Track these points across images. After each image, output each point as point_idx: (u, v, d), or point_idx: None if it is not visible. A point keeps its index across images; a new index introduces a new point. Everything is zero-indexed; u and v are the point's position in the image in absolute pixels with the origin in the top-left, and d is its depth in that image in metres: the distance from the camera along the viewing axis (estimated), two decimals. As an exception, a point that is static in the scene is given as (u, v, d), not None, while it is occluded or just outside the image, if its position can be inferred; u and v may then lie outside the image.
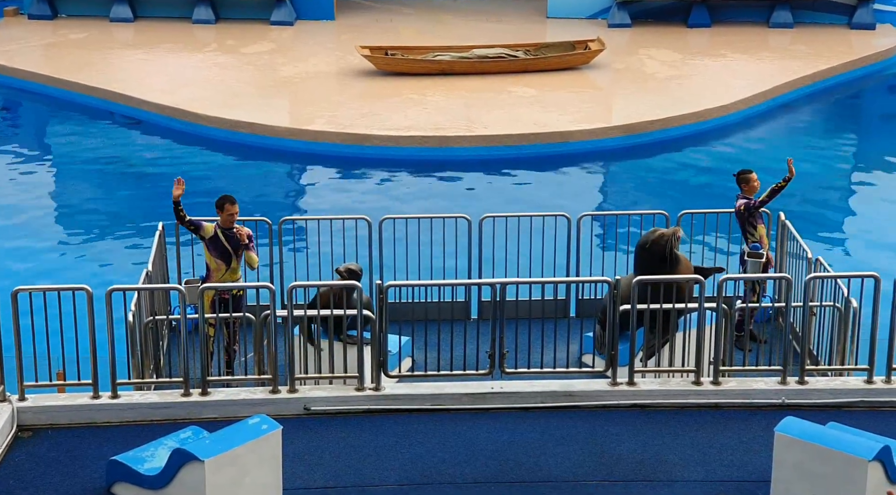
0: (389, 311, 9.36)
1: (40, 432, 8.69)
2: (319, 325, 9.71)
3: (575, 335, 10.60)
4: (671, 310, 9.52)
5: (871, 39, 25.66)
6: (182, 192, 10.40)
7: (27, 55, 24.12)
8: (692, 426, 8.85)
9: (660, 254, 10.07)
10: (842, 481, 7.25)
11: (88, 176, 19.26)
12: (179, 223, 10.57)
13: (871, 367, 9.21)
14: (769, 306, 10.76)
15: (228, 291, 10.31)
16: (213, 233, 10.48)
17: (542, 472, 8.23)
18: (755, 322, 11.05)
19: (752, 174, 11.47)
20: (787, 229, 11.50)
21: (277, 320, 9.38)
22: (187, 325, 9.05)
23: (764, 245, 11.27)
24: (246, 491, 7.58)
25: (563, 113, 20.55)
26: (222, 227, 10.51)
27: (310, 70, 23.24)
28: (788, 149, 20.69)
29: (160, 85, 22.00)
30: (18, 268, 15.22)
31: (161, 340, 10.40)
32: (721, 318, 9.20)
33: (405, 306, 10.54)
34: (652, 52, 24.50)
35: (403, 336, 10.28)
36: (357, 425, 8.84)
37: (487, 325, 9.63)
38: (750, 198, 11.32)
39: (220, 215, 10.54)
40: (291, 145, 19.62)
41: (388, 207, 17.48)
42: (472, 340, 9.68)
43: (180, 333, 9.13)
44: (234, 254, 10.50)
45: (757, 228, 11.32)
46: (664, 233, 10.41)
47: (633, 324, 9.23)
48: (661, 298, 9.38)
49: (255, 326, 9.72)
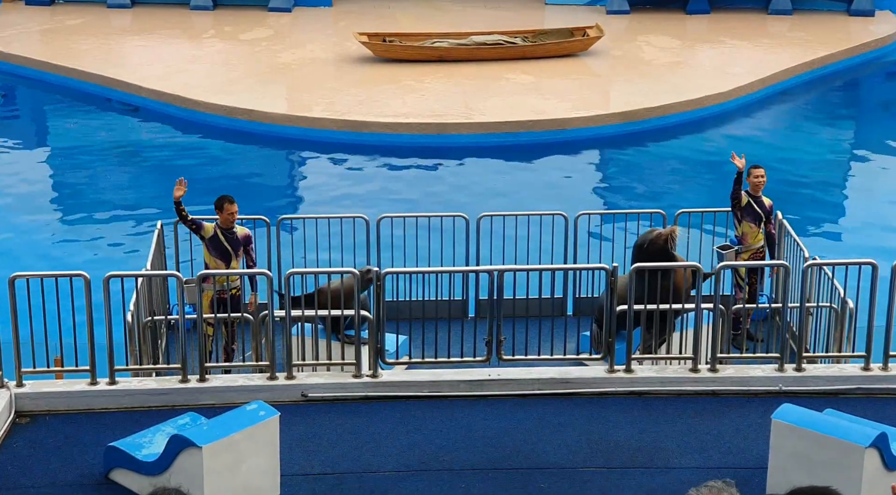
0: (387, 310, 9.36)
1: (38, 418, 8.69)
2: (317, 325, 9.71)
3: (572, 333, 10.57)
4: (668, 310, 9.51)
5: (869, 26, 25.62)
6: (184, 193, 10.37)
7: (24, 41, 24.05)
8: (689, 413, 8.86)
9: (657, 254, 10.05)
10: (838, 467, 7.26)
11: (85, 162, 19.23)
12: (181, 221, 10.55)
13: (867, 354, 9.21)
14: (766, 306, 10.75)
15: (227, 290, 10.31)
16: (213, 233, 10.46)
17: (540, 459, 8.24)
18: (752, 320, 11.03)
19: (754, 169, 11.35)
20: (784, 228, 11.45)
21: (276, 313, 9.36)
22: (186, 325, 9.08)
23: (746, 243, 11.16)
24: (243, 477, 7.59)
25: (561, 100, 20.52)
26: (222, 227, 10.50)
27: (307, 56, 23.19)
28: (786, 136, 20.70)
29: (158, 71, 21.95)
30: (15, 253, 15.21)
31: (159, 340, 10.38)
32: (718, 305, 9.20)
33: (403, 304, 10.52)
34: (650, 39, 24.46)
35: (401, 334, 10.23)
36: (354, 412, 8.85)
37: (485, 324, 9.64)
38: (752, 193, 11.27)
39: (220, 215, 10.51)
40: (289, 132, 19.59)
41: (385, 196, 17.47)
42: (470, 338, 9.70)
43: (178, 330, 9.14)
44: (234, 254, 10.47)
45: (741, 224, 11.25)
46: (661, 232, 10.39)
47: (630, 320, 9.22)
48: (657, 294, 9.36)
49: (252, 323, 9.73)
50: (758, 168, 11.36)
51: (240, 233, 10.58)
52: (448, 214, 11.81)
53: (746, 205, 11.26)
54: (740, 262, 10.90)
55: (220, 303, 10.37)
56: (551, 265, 11.03)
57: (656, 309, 9.45)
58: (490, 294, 9.46)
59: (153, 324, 10.17)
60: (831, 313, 10.04)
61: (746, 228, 11.23)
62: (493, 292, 9.38)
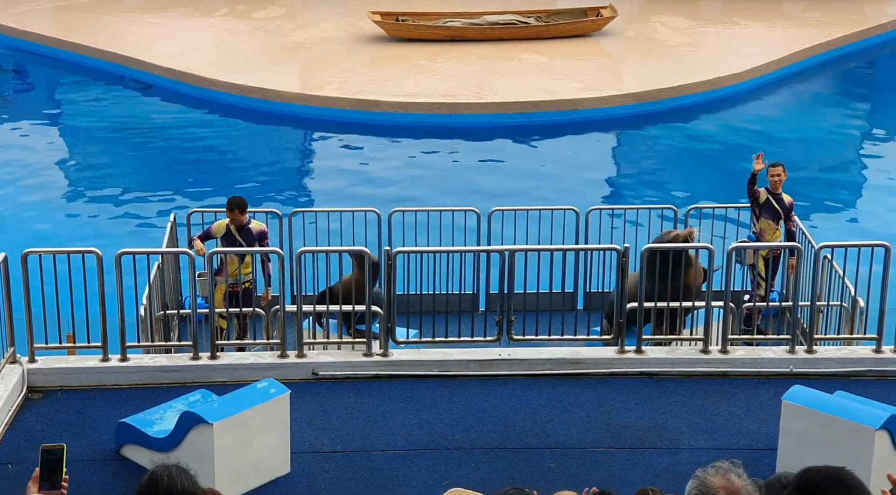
0: (398, 303, 9.37)
1: (50, 394, 8.74)
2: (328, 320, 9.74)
3: (582, 329, 10.54)
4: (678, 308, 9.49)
5: (885, 7, 25.45)
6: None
7: (38, 18, 24.06)
8: (700, 394, 8.85)
9: (674, 255, 9.95)
10: (849, 449, 7.25)
11: (97, 139, 19.26)
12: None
13: (879, 336, 9.19)
14: (776, 305, 10.68)
15: (239, 284, 10.32)
16: (226, 230, 10.45)
17: (549, 439, 8.25)
18: (762, 316, 10.97)
19: (772, 167, 11.12)
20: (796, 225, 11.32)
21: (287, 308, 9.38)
22: (198, 319, 9.11)
23: (764, 240, 10.98)
24: (254, 455, 7.62)
25: (573, 80, 20.45)
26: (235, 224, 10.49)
27: (320, 35, 23.15)
28: (801, 118, 20.61)
29: (171, 49, 21.95)
30: (28, 230, 15.25)
31: (172, 332, 10.40)
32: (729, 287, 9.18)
33: (413, 298, 10.53)
34: (664, 20, 24.34)
35: (412, 328, 10.21)
36: (365, 390, 8.87)
37: (494, 318, 9.63)
38: (771, 190, 11.14)
39: (229, 216, 10.51)
40: (301, 111, 19.57)
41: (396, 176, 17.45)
42: (480, 332, 9.70)
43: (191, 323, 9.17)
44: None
45: (759, 221, 11.13)
46: (679, 234, 10.29)
47: (640, 316, 9.21)
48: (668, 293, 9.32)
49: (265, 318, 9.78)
50: (776, 166, 11.19)
51: (255, 229, 10.53)
52: (459, 209, 11.86)
53: (765, 202, 11.10)
54: (749, 244, 10.82)
55: (233, 296, 10.39)
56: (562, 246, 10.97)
57: (666, 306, 9.46)
58: (501, 274, 9.45)
59: (165, 318, 10.21)
60: (842, 312, 10.01)
61: (764, 225, 11.10)
62: (504, 272, 9.37)
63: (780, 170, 11.18)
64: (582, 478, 7.70)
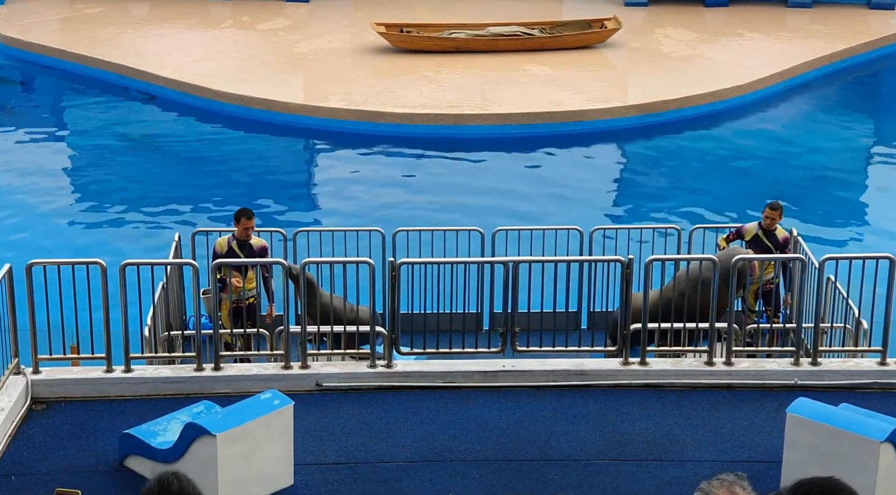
0: (401, 323, 9.35)
1: (54, 405, 8.73)
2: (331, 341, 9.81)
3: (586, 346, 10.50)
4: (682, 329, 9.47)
5: (890, 19, 25.45)
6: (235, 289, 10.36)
7: (43, 29, 24.12)
8: (704, 406, 8.84)
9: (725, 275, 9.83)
10: (853, 462, 7.23)
11: (102, 150, 19.29)
12: None
13: (884, 349, 9.17)
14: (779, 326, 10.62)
15: (243, 300, 10.35)
16: (227, 249, 10.53)
17: (553, 451, 8.23)
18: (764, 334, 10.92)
19: (770, 209, 10.92)
20: (799, 245, 11.23)
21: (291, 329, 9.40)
22: (202, 339, 9.13)
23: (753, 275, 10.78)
24: (257, 466, 7.61)
25: (578, 92, 20.47)
26: (238, 239, 10.54)
27: (325, 47, 23.19)
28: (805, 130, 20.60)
29: (175, 60, 21.99)
30: (32, 241, 15.27)
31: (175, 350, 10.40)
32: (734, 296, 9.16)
33: (417, 317, 10.48)
34: (668, 31, 24.37)
35: (415, 348, 10.14)
36: (369, 401, 8.86)
37: (498, 337, 9.62)
38: (765, 227, 10.97)
39: (237, 226, 10.58)
40: (305, 122, 19.60)
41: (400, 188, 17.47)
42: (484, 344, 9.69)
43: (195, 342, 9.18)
44: (250, 265, 10.45)
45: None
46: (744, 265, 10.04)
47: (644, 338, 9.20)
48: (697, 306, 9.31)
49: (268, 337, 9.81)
50: (774, 209, 10.97)
51: (256, 245, 10.64)
52: (463, 228, 11.94)
53: (753, 238, 10.96)
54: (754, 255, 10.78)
55: (236, 313, 10.43)
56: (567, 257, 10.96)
57: (671, 327, 9.45)
58: (505, 285, 9.44)
59: (170, 339, 10.23)
60: (846, 334, 9.99)
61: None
62: (508, 284, 9.36)
63: (776, 215, 10.93)
64: (586, 490, 7.69)
